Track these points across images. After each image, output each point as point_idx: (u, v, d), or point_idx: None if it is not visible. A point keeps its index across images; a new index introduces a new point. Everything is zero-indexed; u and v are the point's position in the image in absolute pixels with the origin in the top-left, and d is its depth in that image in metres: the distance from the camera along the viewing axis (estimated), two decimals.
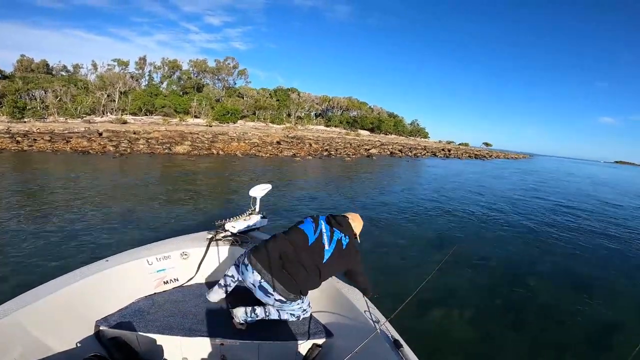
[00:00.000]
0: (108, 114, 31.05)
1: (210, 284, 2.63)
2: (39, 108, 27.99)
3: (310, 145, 28.77)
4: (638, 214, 13.13)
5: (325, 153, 26.19)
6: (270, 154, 21.57)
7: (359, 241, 2.21)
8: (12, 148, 17.02)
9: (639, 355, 1.44)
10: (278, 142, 27.21)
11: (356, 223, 2.19)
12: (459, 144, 77.65)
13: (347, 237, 2.07)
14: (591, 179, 32.20)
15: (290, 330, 2.22)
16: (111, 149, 17.77)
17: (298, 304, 2.06)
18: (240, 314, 2.09)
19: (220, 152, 19.85)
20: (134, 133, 23.71)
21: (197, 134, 26.25)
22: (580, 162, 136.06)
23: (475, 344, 3.41)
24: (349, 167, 20.05)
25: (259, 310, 2.11)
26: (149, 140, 20.57)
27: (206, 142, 22.71)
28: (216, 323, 2.19)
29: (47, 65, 36.83)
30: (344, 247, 2.02)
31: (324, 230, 2.05)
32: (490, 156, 56.85)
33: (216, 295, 2.35)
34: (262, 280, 1.92)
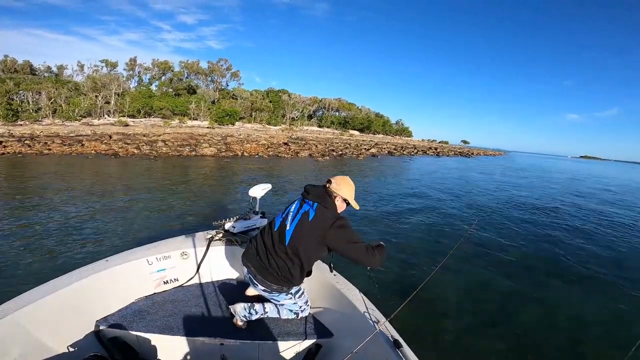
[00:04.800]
0: (105, 116, 30.10)
1: (210, 284, 2.65)
2: (31, 110, 26.79)
3: (316, 146, 29.30)
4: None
5: (334, 153, 26.85)
6: (292, 155, 21.97)
7: (357, 206, 2.01)
8: (29, 152, 16.40)
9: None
10: (286, 144, 27.54)
11: (342, 186, 1.94)
12: (440, 142, 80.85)
13: (316, 204, 1.87)
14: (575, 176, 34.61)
15: (290, 330, 2.21)
16: (135, 151, 17.52)
17: (290, 297, 2.04)
18: (239, 309, 2.11)
19: (245, 154, 20.03)
20: (144, 135, 23.31)
21: (205, 135, 26.11)
22: (551, 158, 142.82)
23: (475, 344, 3.41)
24: (366, 165, 20.85)
25: (258, 306, 2.11)
26: (166, 143, 20.36)
27: (220, 144, 22.72)
28: (216, 323, 2.18)
29: (31, 65, 35.06)
30: (310, 218, 1.84)
31: (292, 209, 1.95)
32: (472, 154, 59.63)
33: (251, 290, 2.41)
34: (248, 273, 2.00)
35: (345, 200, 1.96)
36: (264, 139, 28.55)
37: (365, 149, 33.94)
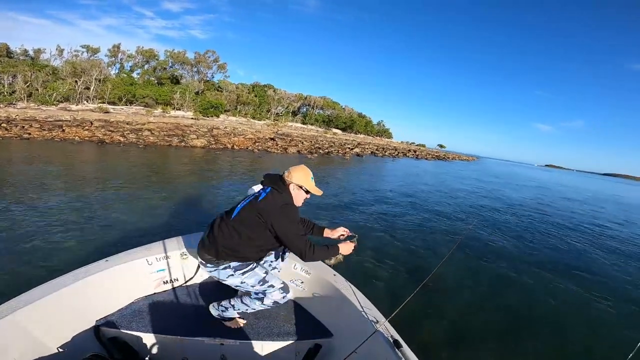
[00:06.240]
0: (84, 102, 29.03)
1: (210, 284, 2.64)
2: (5, 93, 25.50)
3: (302, 142, 29.55)
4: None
5: (320, 151, 27.23)
6: (280, 151, 22.15)
7: (318, 192, 2.05)
8: (7, 135, 15.75)
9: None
10: (272, 139, 27.63)
11: (294, 173, 1.98)
12: (417, 145, 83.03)
13: (269, 188, 1.92)
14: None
15: (290, 330, 2.22)
16: (121, 139, 17.18)
17: (230, 273, 1.97)
18: (212, 310, 2.17)
19: (235, 147, 20.03)
20: (127, 123, 22.76)
21: (191, 126, 25.77)
22: (519, 165, 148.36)
23: (475, 344, 3.41)
24: (354, 165, 21.40)
25: (225, 302, 2.15)
26: (153, 132, 20.04)
27: (207, 135, 22.56)
28: (216, 323, 2.18)
29: (8, 48, 33.21)
30: (259, 199, 1.89)
31: (249, 193, 2.06)
32: (449, 158, 61.66)
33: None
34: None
35: (301, 187, 1.99)
36: (250, 133, 28.49)
37: (349, 148, 34.50)
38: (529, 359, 3.35)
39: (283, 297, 2.07)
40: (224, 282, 2.03)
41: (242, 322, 2.20)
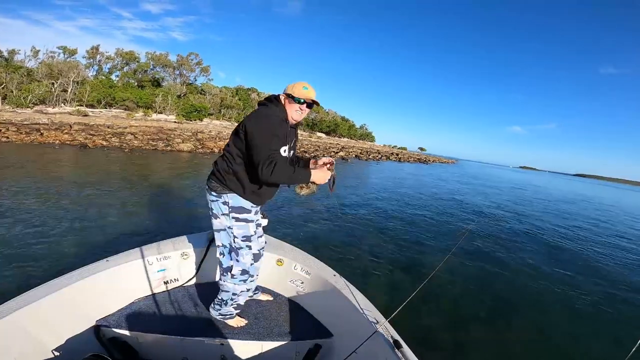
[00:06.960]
0: (62, 104, 28.10)
1: (210, 284, 2.62)
2: None
3: None
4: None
5: (307, 155, 27.40)
6: None
7: (308, 95, 1.88)
8: None
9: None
10: None
11: (287, 86, 1.94)
12: (399, 148, 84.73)
13: (259, 105, 1.92)
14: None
15: (290, 330, 2.22)
16: (103, 143, 16.80)
17: (226, 208, 1.90)
18: (212, 312, 2.20)
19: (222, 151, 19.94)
20: (108, 127, 22.23)
21: (175, 130, 25.43)
22: (496, 167, 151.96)
23: (475, 345, 3.40)
24: (341, 168, 21.64)
25: (216, 299, 2.17)
26: (136, 136, 19.67)
27: (192, 139, 22.32)
28: (216, 323, 2.20)
29: None
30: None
31: None
32: (430, 161, 63.15)
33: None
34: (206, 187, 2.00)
35: (290, 95, 1.87)
36: None
37: (334, 151, 34.81)
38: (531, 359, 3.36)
39: (251, 264, 2.02)
40: (216, 219, 1.96)
41: (242, 322, 2.22)
